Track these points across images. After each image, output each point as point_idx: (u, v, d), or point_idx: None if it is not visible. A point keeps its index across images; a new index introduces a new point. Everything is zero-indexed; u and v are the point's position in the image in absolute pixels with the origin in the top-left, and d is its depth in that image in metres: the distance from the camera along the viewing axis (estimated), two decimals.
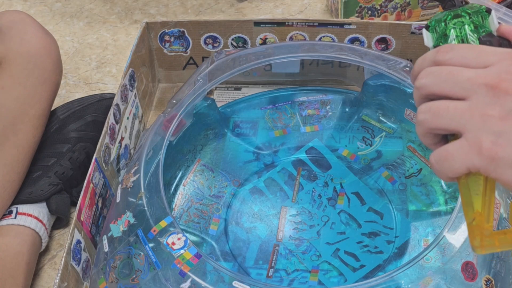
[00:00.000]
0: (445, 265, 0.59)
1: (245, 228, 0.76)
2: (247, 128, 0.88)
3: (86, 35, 1.15)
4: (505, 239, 0.40)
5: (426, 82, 0.44)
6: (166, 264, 0.61)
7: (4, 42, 0.78)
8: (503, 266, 0.62)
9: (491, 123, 0.39)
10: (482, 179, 0.42)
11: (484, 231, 0.41)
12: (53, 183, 0.80)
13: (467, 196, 0.42)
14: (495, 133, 0.39)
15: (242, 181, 0.82)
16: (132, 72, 0.88)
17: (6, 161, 0.75)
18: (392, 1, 1.06)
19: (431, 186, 0.78)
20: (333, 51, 0.81)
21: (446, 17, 0.53)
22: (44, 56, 0.79)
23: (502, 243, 0.41)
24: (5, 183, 0.75)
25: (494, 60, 0.41)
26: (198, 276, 0.60)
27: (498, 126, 0.39)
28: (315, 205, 0.78)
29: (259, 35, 0.94)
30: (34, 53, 0.78)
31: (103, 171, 0.76)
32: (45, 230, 0.78)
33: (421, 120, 0.43)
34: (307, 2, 1.18)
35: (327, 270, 0.72)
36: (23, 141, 0.77)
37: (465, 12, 0.52)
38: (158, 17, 1.18)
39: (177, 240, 0.62)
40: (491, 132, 0.39)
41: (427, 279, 0.58)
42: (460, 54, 0.43)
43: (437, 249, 0.59)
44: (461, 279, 0.59)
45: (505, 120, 0.39)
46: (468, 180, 0.42)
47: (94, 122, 0.85)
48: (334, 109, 0.90)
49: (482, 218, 0.41)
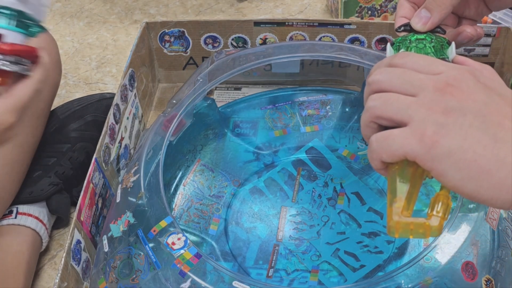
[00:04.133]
0: (445, 265, 0.59)
1: (245, 228, 0.76)
2: (247, 128, 0.88)
3: (86, 35, 1.15)
4: (420, 225, 0.42)
5: (378, 78, 0.46)
6: (166, 264, 0.61)
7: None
8: (503, 266, 0.62)
9: (435, 115, 0.41)
10: (411, 172, 0.44)
11: (401, 216, 0.43)
12: (53, 183, 0.80)
13: (393, 183, 0.44)
14: (438, 124, 0.41)
15: (242, 181, 0.82)
16: (132, 72, 0.88)
17: (6, 161, 0.75)
18: (392, 1, 1.06)
19: (431, 186, 0.78)
20: (333, 51, 0.81)
21: (411, 37, 0.59)
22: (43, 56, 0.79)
23: (416, 228, 0.42)
24: (5, 183, 0.75)
25: (443, 70, 0.44)
26: (198, 276, 0.60)
27: (441, 118, 0.41)
28: (315, 205, 0.78)
29: (259, 35, 0.94)
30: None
31: (103, 171, 0.76)
32: (46, 230, 0.78)
33: (370, 106, 0.45)
34: (307, 2, 1.18)
35: (327, 270, 0.72)
36: (23, 141, 0.77)
37: (429, 36, 0.58)
38: (158, 17, 1.18)
39: (177, 240, 0.62)
40: (435, 123, 0.41)
41: (427, 279, 0.58)
42: (414, 60, 0.46)
43: (437, 249, 0.59)
44: (461, 279, 0.59)
45: (448, 115, 0.41)
46: (398, 171, 0.44)
47: (94, 121, 0.85)
48: (334, 109, 0.90)
49: (402, 204, 0.43)
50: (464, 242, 0.60)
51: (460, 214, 0.61)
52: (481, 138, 0.41)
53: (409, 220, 0.43)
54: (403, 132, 0.42)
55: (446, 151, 0.41)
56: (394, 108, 0.44)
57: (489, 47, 0.92)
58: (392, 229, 0.43)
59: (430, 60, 0.46)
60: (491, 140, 0.40)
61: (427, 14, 0.59)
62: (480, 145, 0.40)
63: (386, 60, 0.49)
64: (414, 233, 0.43)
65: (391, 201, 0.44)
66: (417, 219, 0.43)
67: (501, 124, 0.41)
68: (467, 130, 0.41)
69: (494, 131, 0.41)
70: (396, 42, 0.59)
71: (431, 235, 0.43)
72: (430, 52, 0.57)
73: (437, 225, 0.42)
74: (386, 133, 0.44)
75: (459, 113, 0.41)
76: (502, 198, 0.40)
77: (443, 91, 0.42)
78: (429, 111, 0.42)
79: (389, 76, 0.46)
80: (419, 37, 0.58)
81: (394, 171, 0.45)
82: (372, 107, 0.45)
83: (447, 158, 0.41)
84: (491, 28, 0.90)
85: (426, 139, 0.41)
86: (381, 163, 0.45)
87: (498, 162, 0.40)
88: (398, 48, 0.59)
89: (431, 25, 0.59)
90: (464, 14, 0.63)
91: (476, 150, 0.40)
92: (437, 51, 0.57)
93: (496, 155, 0.40)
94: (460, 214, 0.61)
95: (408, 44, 0.58)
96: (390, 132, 0.43)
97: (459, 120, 0.41)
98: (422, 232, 0.43)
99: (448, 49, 0.57)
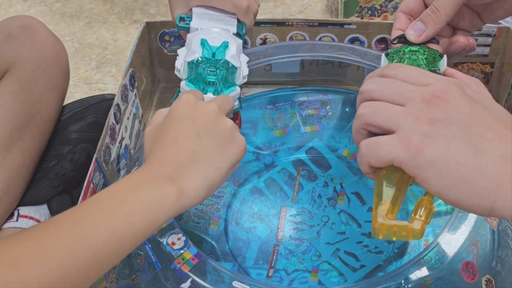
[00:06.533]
0: (445, 265, 0.59)
1: (245, 228, 0.76)
2: (247, 128, 0.88)
3: (86, 35, 1.15)
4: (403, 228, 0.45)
5: (369, 87, 0.48)
6: (166, 264, 0.61)
7: (14, 48, 0.78)
8: (503, 266, 0.62)
9: (422, 125, 0.44)
10: (398, 178, 0.47)
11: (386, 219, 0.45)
12: (54, 184, 0.80)
13: (380, 187, 0.47)
14: (423, 134, 0.43)
15: (242, 181, 0.82)
16: (133, 72, 0.88)
17: (11, 165, 0.75)
18: (392, 1, 1.06)
19: None
20: (333, 51, 0.81)
21: (405, 49, 0.61)
22: (53, 63, 0.80)
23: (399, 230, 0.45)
24: (10, 188, 0.75)
25: (432, 82, 0.46)
26: (198, 276, 0.60)
27: (427, 128, 0.44)
28: (315, 205, 0.78)
29: (259, 35, 0.94)
30: (43, 60, 0.79)
31: (103, 171, 0.76)
32: None
33: (361, 114, 0.48)
34: (307, 2, 1.18)
35: (327, 270, 0.72)
36: (29, 146, 0.77)
37: (422, 49, 0.61)
38: (158, 17, 1.18)
39: (177, 240, 0.62)
40: (420, 132, 0.44)
41: (427, 279, 0.58)
42: (405, 72, 0.48)
43: (437, 249, 0.59)
44: (461, 279, 0.59)
45: (433, 125, 0.44)
46: (385, 175, 0.47)
47: (95, 123, 0.85)
48: (334, 109, 0.90)
49: (387, 207, 0.46)
50: (464, 242, 0.60)
51: (460, 214, 0.61)
52: (464, 148, 0.43)
53: (392, 223, 0.45)
54: (390, 139, 0.45)
55: (430, 159, 0.43)
56: (384, 116, 0.46)
57: (489, 47, 0.92)
58: (376, 230, 0.45)
59: (420, 72, 0.48)
60: (473, 151, 0.42)
61: (422, 26, 0.61)
62: (462, 155, 0.42)
63: (378, 70, 0.51)
64: (398, 235, 0.45)
65: (377, 204, 0.46)
66: (401, 222, 0.45)
67: (484, 135, 0.43)
68: (451, 140, 0.43)
69: (476, 142, 0.43)
70: (390, 53, 0.62)
71: (414, 238, 0.45)
72: (422, 64, 0.59)
73: (419, 228, 0.45)
74: (374, 139, 0.46)
75: (444, 124, 0.44)
76: (482, 205, 0.42)
77: (430, 102, 0.45)
78: (416, 121, 0.44)
79: (380, 86, 0.48)
80: (413, 49, 0.61)
81: (381, 176, 0.47)
82: (363, 114, 0.47)
83: (431, 166, 0.43)
84: (491, 28, 0.90)
85: (412, 147, 0.43)
86: (370, 168, 0.47)
87: (479, 171, 0.42)
88: (392, 59, 0.62)
89: (424, 38, 0.61)
90: (458, 25, 0.66)
91: (458, 159, 0.42)
92: (429, 63, 0.59)
93: (477, 165, 0.42)
94: (460, 214, 0.61)
95: (402, 55, 0.61)
96: (378, 139, 0.45)
97: (443, 131, 0.43)
98: (405, 235, 0.45)
99: (440, 62, 0.60)
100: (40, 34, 0.80)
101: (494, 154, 0.42)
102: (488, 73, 0.96)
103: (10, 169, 0.75)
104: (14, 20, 0.81)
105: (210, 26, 0.68)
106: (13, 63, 0.77)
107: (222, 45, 0.65)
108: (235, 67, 0.64)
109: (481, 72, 0.96)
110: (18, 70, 0.77)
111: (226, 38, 0.66)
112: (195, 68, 0.63)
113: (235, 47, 0.66)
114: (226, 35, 0.67)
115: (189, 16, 0.70)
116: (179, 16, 0.70)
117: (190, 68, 0.64)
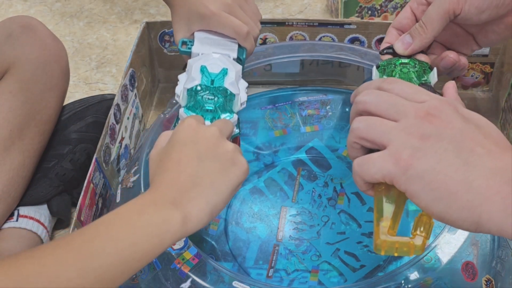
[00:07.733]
0: (445, 265, 0.59)
1: (245, 228, 0.76)
2: (247, 128, 0.88)
3: (86, 35, 1.15)
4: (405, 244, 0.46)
5: (365, 99, 0.49)
6: (166, 264, 0.61)
7: (14, 48, 0.78)
8: (503, 266, 0.62)
9: (413, 140, 0.44)
10: (397, 193, 0.47)
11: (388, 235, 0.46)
12: (54, 185, 0.80)
13: (380, 203, 0.48)
14: (414, 148, 0.44)
15: None
16: (133, 72, 0.88)
17: (11, 165, 0.75)
18: (392, 1, 1.06)
19: None
20: (333, 51, 0.81)
21: (396, 61, 0.64)
22: (53, 63, 0.80)
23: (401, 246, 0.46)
24: (10, 188, 0.75)
25: (426, 99, 0.47)
26: (198, 276, 0.60)
27: (418, 143, 0.44)
28: (315, 205, 0.78)
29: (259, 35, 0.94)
30: (43, 60, 0.79)
31: (103, 171, 0.77)
32: (47, 233, 0.78)
33: (354, 128, 0.48)
34: (307, 2, 1.18)
35: (327, 270, 0.72)
36: (29, 146, 0.77)
37: (412, 61, 0.63)
38: (158, 17, 1.18)
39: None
40: (411, 147, 0.44)
41: (427, 279, 0.58)
42: (401, 87, 0.49)
43: (437, 249, 0.59)
44: (461, 279, 0.59)
45: (425, 140, 0.44)
46: (384, 191, 0.48)
47: (95, 123, 0.85)
48: (334, 109, 0.90)
49: (389, 223, 0.46)
50: (464, 242, 0.60)
51: None
52: (453, 161, 0.43)
53: (394, 239, 0.46)
54: (381, 155, 0.46)
55: (420, 173, 0.43)
56: (377, 131, 0.47)
57: (489, 47, 0.92)
58: (378, 247, 0.46)
59: (416, 89, 0.49)
60: (462, 164, 0.43)
61: (409, 40, 0.64)
62: (451, 168, 0.43)
63: (374, 82, 0.52)
64: (399, 251, 0.46)
65: (378, 220, 0.47)
66: (402, 238, 0.46)
67: (473, 150, 0.44)
68: (442, 153, 0.44)
69: (466, 156, 0.43)
70: (381, 65, 0.64)
71: (415, 253, 0.46)
72: (413, 76, 0.62)
73: (420, 244, 0.46)
74: (366, 157, 0.47)
75: (435, 139, 0.44)
76: (469, 220, 0.43)
77: (423, 118, 0.45)
78: (408, 136, 0.45)
79: (376, 98, 0.48)
80: (403, 61, 0.63)
81: (380, 191, 0.48)
82: (356, 128, 0.48)
83: (420, 180, 0.43)
84: None
85: (402, 162, 0.44)
86: (365, 185, 0.48)
87: (466, 184, 0.42)
88: (383, 71, 0.64)
89: (411, 51, 0.64)
90: (452, 46, 0.67)
91: (447, 172, 0.43)
92: (420, 76, 0.62)
93: (465, 178, 0.43)
94: None
95: (393, 68, 0.63)
96: (370, 156, 0.46)
97: (435, 145, 0.44)
98: (406, 250, 0.46)
99: (430, 74, 0.63)
100: (40, 34, 0.80)
101: (483, 168, 0.43)
102: (488, 73, 0.96)
103: (10, 169, 0.75)
104: (14, 20, 0.81)
105: (211, 51, 0.68)
106: (13, 63, 0.77)
107: (221, 72, 0.65)
108: (233, 94, 0.64)
109: (481, 72, 0.96)
110: (18, 70, 0.77)
111: (226, 64, 0.66)
112: (194, 95, 0.63)
113: (234, 73, 0.66)
114: (226, 61, 0.67)
115: (191, 40, 0.70)
116: (182, 40, 0.70)
117: (189, 95, 0.64)
